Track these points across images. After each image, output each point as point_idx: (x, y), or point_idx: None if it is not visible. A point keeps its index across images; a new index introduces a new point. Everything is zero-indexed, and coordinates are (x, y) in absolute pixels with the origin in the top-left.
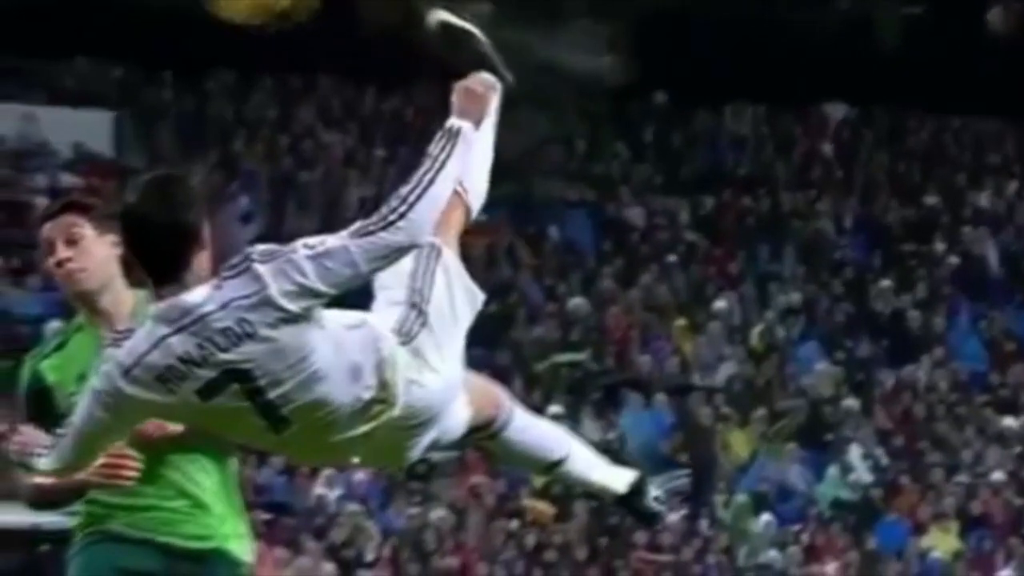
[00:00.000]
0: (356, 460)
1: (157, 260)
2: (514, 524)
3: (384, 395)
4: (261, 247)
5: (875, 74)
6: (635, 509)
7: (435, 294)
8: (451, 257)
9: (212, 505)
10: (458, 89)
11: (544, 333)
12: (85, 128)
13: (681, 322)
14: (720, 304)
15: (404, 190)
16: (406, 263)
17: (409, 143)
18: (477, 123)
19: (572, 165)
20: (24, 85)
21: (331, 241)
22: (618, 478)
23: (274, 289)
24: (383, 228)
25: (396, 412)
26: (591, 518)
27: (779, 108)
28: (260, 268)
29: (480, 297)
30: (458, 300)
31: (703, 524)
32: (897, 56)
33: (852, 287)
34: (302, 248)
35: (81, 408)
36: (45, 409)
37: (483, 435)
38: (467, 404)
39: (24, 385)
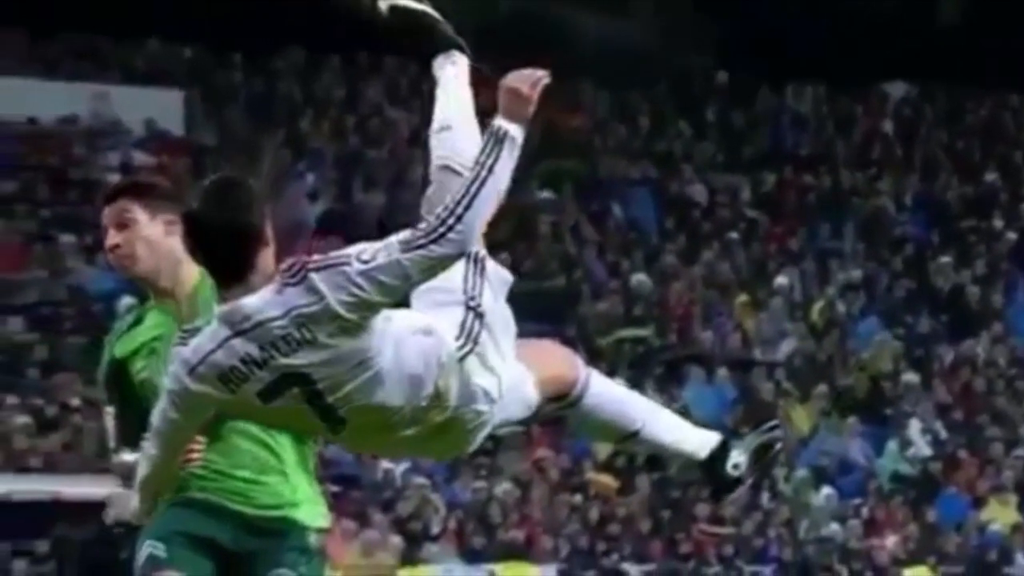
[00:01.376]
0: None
1: (222, 264)
2: (578, 498)
3: (438, 402)
4: (316, 256)
5: (935, 53)
6: (713, 476)
7: (485, 293)
8: (486, 255)
9: (286, 475)
10: (502, 88)
11: (608, 309)
12: (157, 107)
13: (743, 298)
14: (781, 280)
15: (452, 199)
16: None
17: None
18: (524, 123)
19: (635, 143)
20: (97, 65)
21: (382, 255)
22: (699, 443)
23: (332, 300)
24: (433, 241)
25: (451, 415)
26: (654, 491)
27: (840, 87)
28: (315, 278)
29: (510, 281)
30: (498, 290)
31: (764, 497)
32: (957, 35)
33: (912, 263)
34: (356, 262)
35: (158, 410)
36: (122, 388)
37: (559, 406)
38: (535, 385)
39: (103, 364)
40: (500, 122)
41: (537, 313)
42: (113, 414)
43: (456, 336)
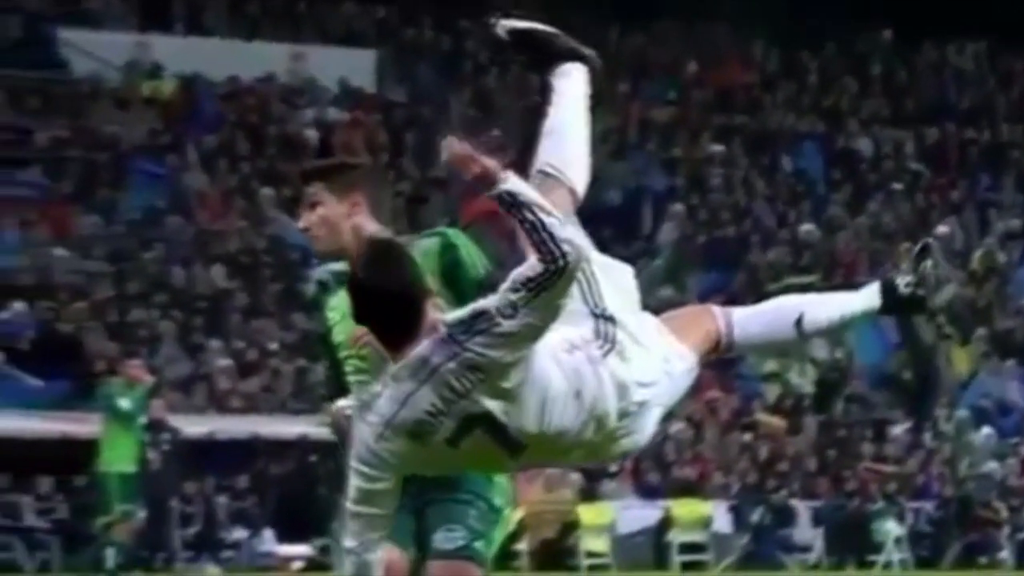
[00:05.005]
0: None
1: (393, 330)
2: (748, 437)
3: (599, 411)
4: (456, 321)
5: None
6: (901, 308)
7: (605, 295)
8: (593, 262)
9: None
10: (458, 186)
11: (776, 257)
12: (350, 65)
13: (906, 247)
14: (943, 229)
15: (542, 251)
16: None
17: (650, 78)
18: (500, 176)
19: (804, 98)
20: (295, 26)
21: (523, 308)
22: (866, 300)
23: (491, 353)
24: (552, 284)
25: (615, 419)
26: (821, 431)
27: (1000, 44)
28: (466, 339)
29: (630, 270)
30: (618, 283)
31: (927, 437)
32: None
33: None
34: (501, 319)
35: (350, 500)
36: (327, 346)
37: (718, 355)
38: (690, 350)
39: (320, 323)
40: (495, 189)
41: (709, 261)
42: (326, 368)
43: (593, 341)
